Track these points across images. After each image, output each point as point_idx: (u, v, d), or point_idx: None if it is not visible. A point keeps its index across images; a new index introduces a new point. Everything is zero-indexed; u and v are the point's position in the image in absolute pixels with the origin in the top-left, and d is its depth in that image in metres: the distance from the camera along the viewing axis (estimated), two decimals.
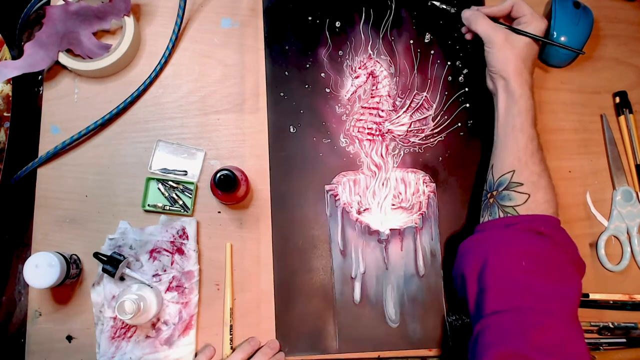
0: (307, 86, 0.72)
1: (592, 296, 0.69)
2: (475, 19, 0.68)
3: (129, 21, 0.70)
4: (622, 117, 0.75)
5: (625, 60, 0.77)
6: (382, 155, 0.71)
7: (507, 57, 0.64)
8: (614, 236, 0.71)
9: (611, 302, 0.69)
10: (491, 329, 0.53)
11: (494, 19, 0.68)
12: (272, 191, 0.69)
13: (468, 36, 0.73)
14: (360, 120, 0.72)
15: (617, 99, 0.75)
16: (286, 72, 0.72)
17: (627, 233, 0.71)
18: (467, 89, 0.74)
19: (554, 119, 0.74)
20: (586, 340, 0.67)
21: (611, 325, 0.68)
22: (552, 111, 0.74)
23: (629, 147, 0.74)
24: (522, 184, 0.60)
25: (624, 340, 0.68)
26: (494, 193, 0.63)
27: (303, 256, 0.68)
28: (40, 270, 0.59)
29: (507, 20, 0.70)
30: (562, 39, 0.72)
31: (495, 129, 0.66)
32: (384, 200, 0.70)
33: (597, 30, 0.76)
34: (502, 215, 0.61)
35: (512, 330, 0.52)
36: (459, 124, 0.73)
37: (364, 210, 0.70)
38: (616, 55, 0.77)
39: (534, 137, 0.62)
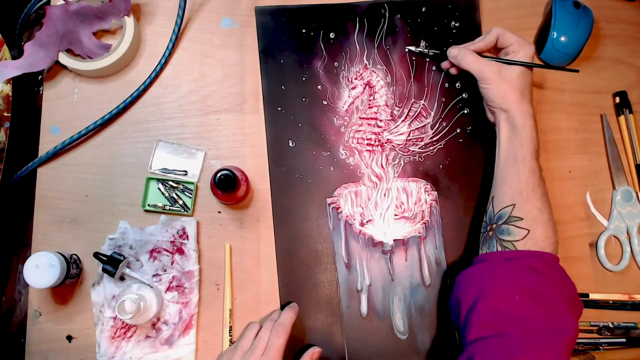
0: (304, 99, 0.72)
1: (592, 296, 0.69)
2: (463, 57, 0.66)
3: (129, 21, 0.70)
4: (622, 117, 0.75)
5: (625, 60, 0.77)
6: (382, 165, 0.71)
7: (504, 91, 0.63)
8: (614, 236, 0.71)
9: (611, 302, 0.69)
10: (476, 355, 0.53)
11: (481, 55, 0.67)
12: (274, 207, 0.69)
13: (453, 70, 0.71)
14: (359, 131, 0.72)
15: (617, 99, 0.75)
16: (282, 86, 0.72)
17: (627, 233, 0.71)
18: (464, 95, 0.73)
19: (554, 119, 0.74)
20: (586, 340, 0.68)
21: (611, 325, 0.68)
22: (552, 111, 0.74)
23: (629, 147, 0.74)
24: (522, 219, 0.59)
25: (624, 340, 0.68)
26: (494, 226, 0.62)
27: (308, 271, 0.68)
28: (40, 270, 0.59)
29: (494, 52, 0.69)
30: (562, 39, 0.72)
31: (497, 160, 0.65)
32: (386, 211, 0.70)
33: (597, 30, 0.76)
34: (500, 249, 0.60)
35: (497, 355, 0.52)
36: (458, 131, 0.72)
37: (367, 221, 0.69)
38: (616, 55, 0.77)
39: (535, 170, 0.61)
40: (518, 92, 0.63)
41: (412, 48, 0.73)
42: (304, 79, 0.72)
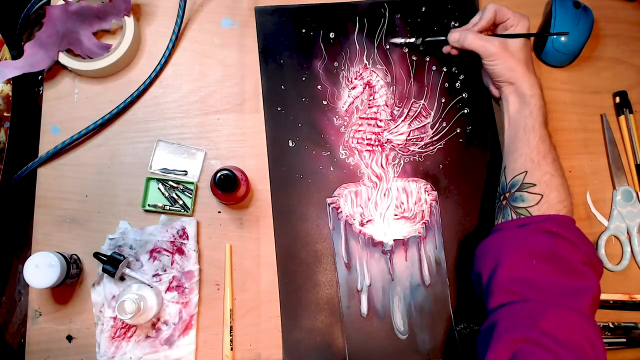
0: (304, 99, 0.72)
1: None
2: (465, 37, 0.67)
3: (129, 21, 0.70)
4: (622, 117, 0.75)
5: (625, 60, 0.77)
6: (382, 165, 0.71)
7: (510, 64, 0.64)
8: (614, 236, 0.71)
9: (611, 302, 0.69)
10: (500, 320, 0.53)
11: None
12: (273, 206, 0.69)
13: (454, 52, 0.71)
14: (359, 131, 0.72)
15: (617, 99, 0.75)
16: (282, 87, 0.72)
17: (627, 233, 0.71)
18: (464, 95, 0.73)
19: (554, 119, 0.74)
20: None
21: (611, 325, 0.68)
22: (553, 111, 0.74)
23: (629, 147, 0.74)
24: (534, 185, 0.60)
25: (624, 340, 0.68)
26: (507, 195, 0.63)
27: (308, 271, 0.68)
28: (40, 270, 0.59)
29: (492, 29, 0.69)
30: (562, 39, 0.72)
31: (505, 132, 0.66)
32: (386, 211, 0.70)
33: (597, 30, 0.76)
34: (514, 217, 0.61)
35: (521, 317, 0.52)
36: (458, 130, 0.72)
37: (367, 221, 0.69)
38: (616, 55, 0.77)
39: (545, 137, 0.62)
40: (523, 63, 0.65)
41: (396, 40, 0.73)
42: (303, 79, 0.72)
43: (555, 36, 0.72)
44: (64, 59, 0.68)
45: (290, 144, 0.71)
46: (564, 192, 0.60)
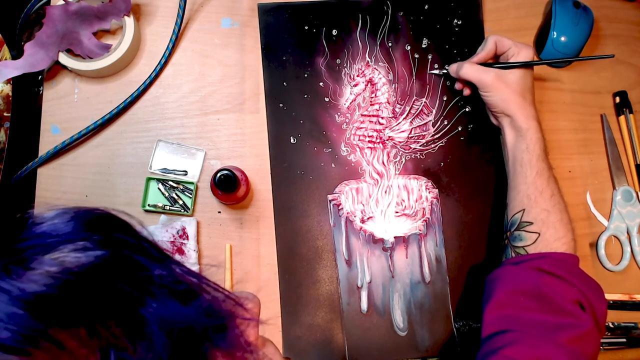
0: (306, 96, 0.72)
1: None
2: (460, 68, 0.66)
3: (129, 21, 0.70)
4: (622, 117, 0.75)
5: (625, 60, 0.77)
6: (383, 162, 0.71)
7: (505, 96, 0.63)
8: (614, 236, 0.71)
9: (611, 302, 0.69)
10: (480, 350, 0.54)
11: (484, 64, 0.66)
12: (275, 203, 0.69)
13: (466, 91, 0.70)
14: (361, 128, 0.72)
15: (617, 99, 0.75)
16: (285, 83, 0.72)
17: (627, 233, 0.71)
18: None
19: (554, 119, 0.74)
20: None
21: (611, 325, 0.68)
22: (552, 111, 0.74)
23: (629, 147, 0.74)
24: (531, 223, 0.60)
25: (624, 340, 0.68)
26: (508, 234, 0.63)
27: (308, 267, 0.68)
28: None
29: (493, 60, 0.69)
30: (562, 39, 0.72)
31: (506, 167, 0.66)
32: (387, 208, 0.70)
33: (597, 30, 0.76)
34: (513, 255, 0.61)
35: (492, 347, 0.53)
36: (459, 129, 0.72)
37: (368, 218, 0.69)
38: (616, 55, 0.77)
39: (543, 171, 0.62)
40: (519, 95, 0.63)
41: (435, 71, 0.73)
42: (306, 75, 0.72)
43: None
44: (64, 59, 0.68)
45: (292, 140, 0.71)
46: (562, 228, 0.59)
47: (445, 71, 0.71)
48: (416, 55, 0.74)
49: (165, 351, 0.26)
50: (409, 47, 0.74)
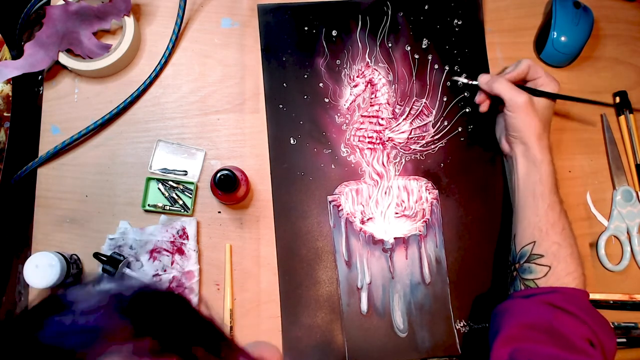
0: (305, 97, 0.72)
1: (592, 296, 0.69)
2: (495, 82, 0.65)
3: (129, 21, 0.70)
4: (622, 117, 0.75)
5: (625, 60, 0.77)
6: (383, 163, 0.71)
7: (531, 121, 0.63)
8: (614, 236, 0.71)
9: (611, 302, 0.69)
10: None
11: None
12: (274, 204, 0.69)
13: (484, 107, 0.69)
14: (361, 129, 0.72)
15: (617, 99, 0.75)
16: (284, 84, 0.72)
17: (627, 233, 0.71)
18: (466, 94, 0.73)
19: (554, 119, 0.74)
20: None
21: (611, 325, 0.68)
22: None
23: (629, 147, 0.74)
24: (542, 256, 0.59)
25: (624, 340, 0.68)
26: (517, 266, 0.62)
27: (308, 268, 0.68)
28: (40, 270, 0.59)
29: (521, 84, 0.67)
30: (562, 39, 0.72)
31: (515, 195, 0.65)
32: (387, 209, 0.70)
33: (597, 30, 0.76)
34: (523, 288, 0.60)
35: None
36: (459, 129, 0.72)
37: (368, 219, 0.69)
38: (616, 55, 0.77)
39: (555, 205, 0.61)
40: (542, 124, 0.63)
41: (458, 78, 0.71)
42: (305, 76, 0.72)
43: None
44: (64, 59, 0.68)
45: (292, 141, 0.71)
46: (573, 262, 0.59)
47: (476, 82, 0.68)
48: (416, 56, 0.74)
49: None
50: (409, 48, 0.74)
